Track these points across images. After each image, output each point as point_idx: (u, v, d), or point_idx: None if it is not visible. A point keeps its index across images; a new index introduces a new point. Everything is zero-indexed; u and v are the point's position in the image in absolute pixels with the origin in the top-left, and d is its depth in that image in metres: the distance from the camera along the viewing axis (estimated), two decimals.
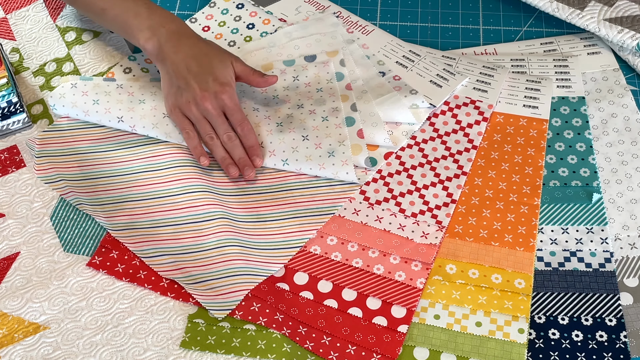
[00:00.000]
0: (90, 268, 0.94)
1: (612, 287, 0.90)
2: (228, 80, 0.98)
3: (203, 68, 0.98)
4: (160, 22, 1.01)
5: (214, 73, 0.98)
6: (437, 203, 0.98)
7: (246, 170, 0.98)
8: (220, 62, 0.99)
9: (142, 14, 1.01)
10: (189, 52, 0.99)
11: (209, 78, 0.97)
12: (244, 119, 0.99)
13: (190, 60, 0.98)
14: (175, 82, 0.99)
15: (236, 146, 0.98)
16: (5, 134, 1.07)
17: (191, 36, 1.01)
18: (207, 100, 0.97)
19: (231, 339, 0.88)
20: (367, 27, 1.16)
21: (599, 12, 1.11)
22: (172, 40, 1.00)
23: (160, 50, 1.00)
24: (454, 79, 1.08)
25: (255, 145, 0.99)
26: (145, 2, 1.03)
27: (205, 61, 0.98)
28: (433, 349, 0.87)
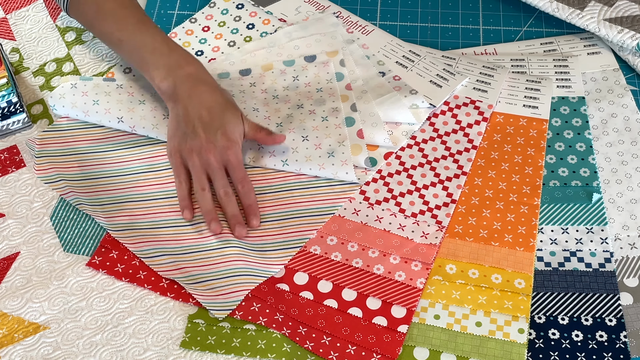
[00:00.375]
0: (90, 268, 0.94)
1: (612, 287, 0.90)
2: (236, 137, 0.95)
3: (214, 119, 0.95)
4: (178, 62, 0.99)
5: (224, 127, 0.95)
6: (437, 203, 0.98)
7: (237, 228, 0.93)
8: (233, 116, 0.96)
9: (160, 51, 0.99)
10: (203, 100, 0.96)
11: (218, 131, 0.94)
12: (245, 177, 0.96)
13: (203, 108, 0.96)
14: (182, 126, 0.96)
15: (232, 202, 0.95)
16: (5, 134, 1.07)
17: (208, 82, 0.98)
18: (211, 153, 0.94)
19: (231, 339, 0.88)
20: (367, 27, 1.16)
21: (599, 12, 1.11)
22: (188, 83, 0.97)
23: (174, 92, 0.97)
24: (454, 79, 1.08)
25: (254, 204, 0.96)
26: (164, 38, 1.01)
27: (218, 112, 0.96)
28: (433, 349, 0.87)
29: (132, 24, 1.02)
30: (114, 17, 1.03)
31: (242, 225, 0.94)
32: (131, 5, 1.04)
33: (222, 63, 1.12)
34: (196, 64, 1.00)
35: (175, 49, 1.00)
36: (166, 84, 0.98)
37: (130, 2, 1.05)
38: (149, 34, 1.01)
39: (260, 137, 0.98)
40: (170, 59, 0.99)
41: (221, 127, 0.95)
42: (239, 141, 0.96)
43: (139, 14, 1.03)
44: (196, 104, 0.96)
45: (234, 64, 1.12)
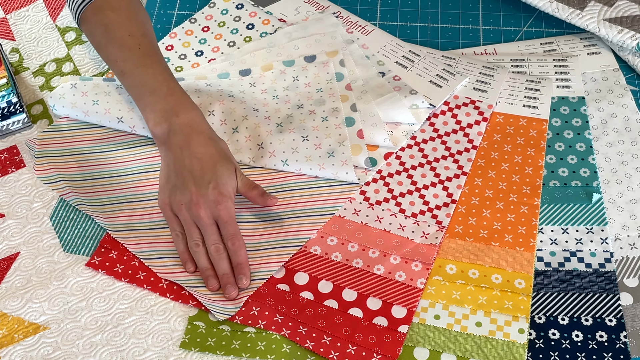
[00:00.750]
0: (90, 268, 0.94)
1: (612, 287, 0.90)
2: (229, 191, 0.92)
3: (205, 172, 0.92)
4: (175, 108, 0.95)
5: (216, 180, 0.91)
6: (437, 203, 0.98)
7: (228, 289, 0.90)
8: (226, 170, 0.92)
9: (159, 92, 0.96)
10: (195, 152, 0.93)
11: (209, 185, 0.91)
12: (236, 234, 0.92)
13: (195, 160, 0.92)
14: (172, 178, 0.93)
15: (222, 259, 0.91)
16: (5, 134, 1.07)
17: (202, 132, 0.95)
18: (202, 208, 0.90)
19: (231, 340, 0.88)
20: (367, 27, 1.16)
21: (599, 12, 1.11)
22: (182, 133, 0.94)
23: (167, 140, 0.95)
24: (453, 79, 1.08)
25: (244, 263, 0.91)
26: (165, 78, 0.98)
27: (209, 165, 0.92)
28: (433, 349, 0.86)
29: (137, 57, 0.98)
30: (120, 46, 0.99)
31: (233, 285, 0.90)
32: (140, 33, 1.00)
33: (222, 63, 1.12)
34: (193, 111, 0.96)
35: (174, 92, 0.97)
36: (159, 130, 0.95)
37: (140, 29, 1.01)
38: (151, 71, 0.98)
39: (253, 196, 0.94)
40: (167, 103, 0.96)
41: (212, 181, 0.91)
42: (231, 195, 0.92)
43: (146, 46, 0.99)
44: (188, 155, 0.93)
45: (234, 64, 1.12)
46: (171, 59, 1.14)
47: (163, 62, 1.00)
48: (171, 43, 1.16)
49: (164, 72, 0.99)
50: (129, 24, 1.00)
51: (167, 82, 0.97)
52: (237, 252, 0.91)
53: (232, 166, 0.94)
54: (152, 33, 1.03)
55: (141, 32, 1.01)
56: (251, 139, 1.02)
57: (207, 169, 0.92)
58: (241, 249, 0.92)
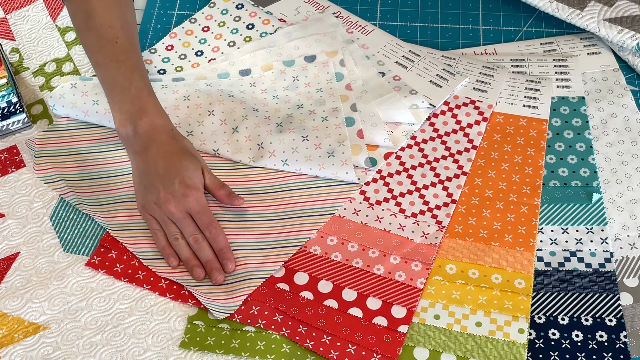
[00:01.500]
0: (90, 268, 0.94)
1: (612, 287, 0.90)
2: (195, 182, 0.93)
3: (170, 169, 0.92)
4: (141, 110, 0.95)
5: (181, 175, 0.92)
6: (437, 203, 0.98)
7: (214, 274, 0.91)
8: (191, 164, 0.93)
9: (128, 92, 0.95)
10: (159, 151, 0.93)
11: (175, 180, 0.92)
12: (211, 222, 0.93)
13: (159, 159, 0.93)
14: (143, 180, 0.94)
15: (203, 248, 0.92)
16: (5, 134, 1.07)
17: (165, 133, 0.95)
18: (171, 204, 0.91)
19: (230, 340, 0.88)
20: (367, 27, 1.16)
21: (599, 12, 1.11)
22: (146, 135, 0.94)
23: (131, 143, 0.95)
24: (453, 79, 1.08)
25: (225, 248, 0.92)
26: (136, 78, 0.97)
27: (174, 161, 0.93)
28: (433, 349, 0.86)
29: (112, 51, 0.97)
30: (98, 36, 0.98)
31: (218, 270, 0.91)
32: (119, 25, 0.99)
33: (222, 63, 1.12)
34: (158, 113, 0.96)
35: (143, 93, 0.96)
36: (124, 131, 0.95)
37: (120, 21, 0.99)
38: (123, 68, 0.96)
39: (220, 195, 0.95)
40: (134, 105, 0.95)
41: (178, 176, 0.92)
42: (198, 186, 0.93)
43: (123, 40, 0.98)
44: (153, 156, 0.93)
45: (234, 64, 1.12)
46: (171, 59, 1.14)
47: (137, 59, 0.99)
48: (171, 43, 1.16)
49: (136, 70, 0.97)
50: (110, 14, 0.99)
51: (137, 82, 0.97)
52: (216, 239, 0.92)
53: (197, 161, 0.95)
54: (132, 26, 1.02)
55: (121, 23, 0.99)
56: (251, 139, 1.02)
57: (172, 166, 0.93)
58: (219, 235, 0.93)
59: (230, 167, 1.02)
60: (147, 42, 1.17)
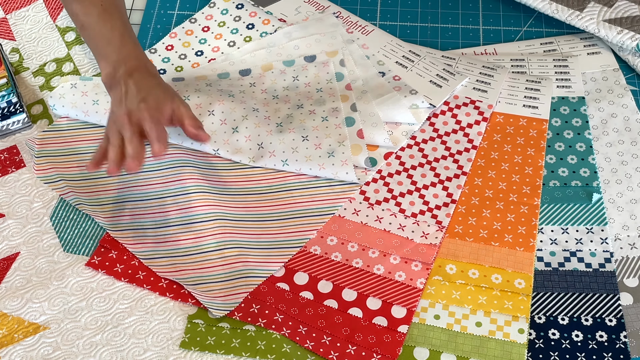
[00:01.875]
0: (90, 268, 0.94)
1: (612, 287, 0.90)
2: (159, 102, 0.93)
3: (140, 92, 0.93)
4: (126, 58, 0.96)
5: (149, 94, 0.93)
6: (437, 203, 0.98)
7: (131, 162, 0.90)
8: (163, 93, 0.94)
9: (114, 44, 0.97)
10: (136, 81, 0.94)
11: (139, 98, 0.92)
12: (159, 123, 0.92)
13: (132, 87, 0.93)
14: (114, 106, 0.94)
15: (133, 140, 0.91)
16: (5, 134, 1.07)
17: (147, 71, 0.96)
18: (126, 114, 0.92)
19: (231, 339, 0.88)
20: (367, 27, 1.16)
21: (599, 13, 1.11)
22: (127, 73, 0.95)
23: (113, 84, 0.95)
24: (453, 79, 1.08)
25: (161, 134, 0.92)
26: (122, 32, 0.98)
27: (145, 89, 0.94)
28: (433, 349, 0.86)
29: (97, 11, 0.99)
30: (82, 2, 0.99)
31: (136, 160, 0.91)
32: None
33: (222, 63, 1.12)
34: (143, 59, 0.97)
35: (127, 42, 0.98)
36: (108, 79, 0.96)
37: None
38: (109, 24, 0.98)
39: (186, 126, 0.95)
40: (120, 53, 0.96)
41: (146, 95, 0.93)
42: (161, 108, 0.93)
43: (107, 2, 1.00)
44: (128, 85, 0.94)
45: (234, 64, 1.12)
46: (171, 59, 1.14)
47: (122, 18, 1.00)
48: (171, 43, 1.16)
49: (122, 26, 0.99)
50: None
51: (121, 31, 0.98)
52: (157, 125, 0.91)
53: (170, 94, 0.95)
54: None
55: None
56: (251, 139, 1.02)
57: (142, 90, 0.93)
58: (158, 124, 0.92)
59: (230, 167, 1.02)
60: (147, 42, 1.17)
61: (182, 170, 1.00)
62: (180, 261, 0.94)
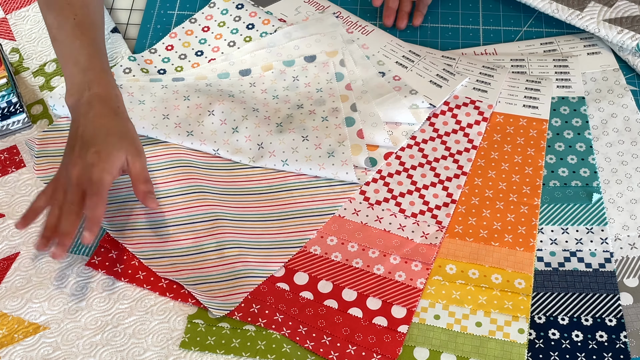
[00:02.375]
0: (90, 268, 0.94)
1: (612, 287, 0.90)
2: (110, 159, 0.87)
3: (95, 139, 0.89)
4: (91, 82, 0.93)
5: (101, 146, 0.88)
6: (437, 203, 0.98)
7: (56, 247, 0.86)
8: (117, 143, 0.89)
9: (80, 65, 0.95)
10: (94, 120, 0.90)
11: (92, 149, 0.88)
12: (99, 193, 0.86)
13: (89, 128, 0.90)
14: (70, 141, 0.91)
15: (69, 217, 0.86)
16: (5, 134, 1.07)
17: (109, 107, 0.92)
18: (75, 168, 0.88)
19: (231, 339, 0.88)
20: (367, 27, 1.16)
21: (599, 13, 1.11)
22: (89, 104, 0.92)
23: (75, 110, 0.93)
24: (453, 79, 1.08)
25: (95, 219, 0.86)
26: (91, 52, 0.96)
27: (102, 134, 0.89)
28: (433, 349, 0.86)
29: (70, 27, 0.97)
30: (57, 14, 0.98)
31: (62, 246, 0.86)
32: (80, 4, 0.99)
33: (222, 63, 1.12)
34: (108, 87, 0.94)
35: (94, 67, 0.95)
36: (71, 101, 0.94)
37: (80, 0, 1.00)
38: (78, 42, 0.96)
39: (140, 189, 0.90)
40: (85, 76, 0.94)
41: (98, 146, 0.88)
42: (112, 163, 0.88)
43: (82, 16, 0.98)
44: (85, 123, 0.90)
45: (234, 64, 1.12)
46: (171, 59, 1.14)
47: (94, 36, 0.98)
48: (171, 43, 1.16)
49: (91, 45, 0.97)
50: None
51: (90, 56, 0.95)
52: (94, 208, 0.86)
53: (126, 143, 0.90)
54: (94, 3, 1.01)
55: (81, 3, 0.99)
56: (251, 139, 1.02)
57: (98, 137, 0.89)
58: (98, 205, 0.86)
59: (230, 167, 1.02)
60: (147, 42, 1.17)
61: (182, 170, 1.00)
62: (180, 261, 0.94)
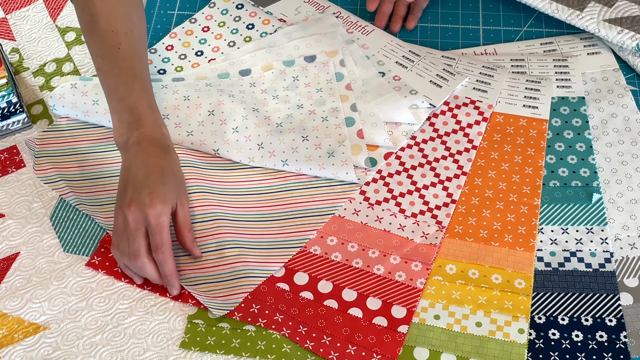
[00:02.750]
0: (90, 268, 0.94)
1: (612, 287, 0.90)
2: (165, 199, 0.87)
3: (148, 179, 0.88)
4: (139, 121, 0.92)
5: (155, 187, 0.87)
6: (437, 203, 0.98)
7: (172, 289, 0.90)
8: (172, 182, 0.89)
9: (127, 102, 0.93)
10: (146, 161, 0.90)
11: (146, 190, 0.87)
12: (163, 244, 0.87)
13: (142, 168, 0.89)
14: (121, 184, 0.90)
15: (142, 270, 0.89)
16: (5, 134, 1.07)
17: (160, 145, 0.92)
18: (131, 211, 0.86)
19: (231, 339, 0.88)
20: (367, 27, 1.16)
21: (599, 13, 1.11)
22: (140, 144, 0.91)
23: (124, 149, 0.92)
24: (453, 79, 1.08)
25: (171, 274, 0.89)
26: (139, 86, 0.94)
27: (155, 173, 0.89)
28: (433, 349, 0.87)
29: (115, 57, 0.95)
30: (101, 42, 0.96)
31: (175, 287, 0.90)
32: (124, 31, 0.96)
33: (222, 63, 1.12)
34: (157, 125, 0.93)
35: (141, 104, 0.93)
36: (121, 141, 0.93)
37: (125, 25, 0.97)
38: (124, 77, 0.94)
39: (185, 236, 0.91)
40: (132, 115, 0.93)
41: (151, 187, 0.87)
42: (167, 203, 0.87)
43: (127, 46, 0.95)
44: (137, 163, 0.89)
45: (234, 64, 1.12)
46: (171, 59, 1.14)
47: (139, 66, 0.96)
48: (171, 43, 1.16)
49: (137, 79, 0.95)
50: (114, 17, 0.96)
51: (136, 91, 0.94)
52: (163, 264, 0.88)
53: (178, 185, 0.91)
54: (138, 29, 0.98)
55: (125, 29, 0.96)
56: (251, 139, 1.02)
57: (151, 176, 0.89)
58: (167, 260, 0.88)
59: (230, 167, 1.02)
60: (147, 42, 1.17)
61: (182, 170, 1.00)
62: (180, 261, 0.94)
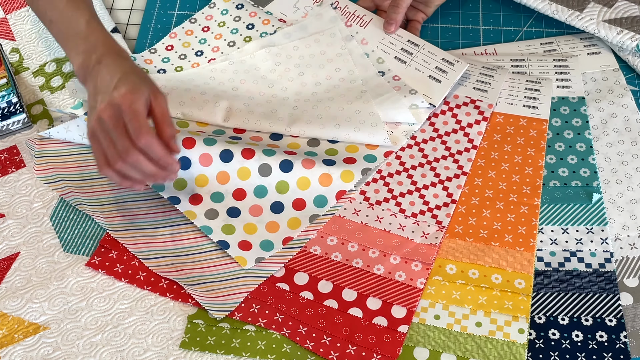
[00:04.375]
0: (90, 268, 0.94)
1: (612, 287, 0.90)
2: (134, 89, 0.85)
3: (112, 81, 0.86)
4: (95, 44, 0.92)
5: (120, 83, 0.85)
6: (437, 203, 0.98)
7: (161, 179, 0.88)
8: (139, 79, 0.87)
9: (80, 33, 0.94)
10: (107, 66, 0.88)
11: (114, 92, 0.85)
12: (141, 127, 0.83)
13: (105, 71, 0.88)
14: (91, 101, 0.88)
15: (137, 164, 0.85)
16: (5, 134, 1.07)
17: (122, 56, 0.91)
18: (105, 110, 0.84)
19: (231, 339, 0.88)
20: (365, 16, 1.15)
21: (598, 14, 1.11)
22: (100, 62, 0.90)
23: (87, 74, 0.91)
24: (453, 70, 1.07)
25: (162, 156, 0.85)
26: (87, 15, 0.95)
27: (119, 71, 0.87)
28: (433, 349, 0.87)
29: (62, 5, 0.97)
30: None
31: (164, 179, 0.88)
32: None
33: (222, 63, 1.12)
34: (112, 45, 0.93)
35: (94, 32, 0.94)
36: (82, 72, 0.92)
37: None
38: (74, 15, 0.95)
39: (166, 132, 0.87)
40: (87, 43, 0.92)
41: (117, 85, 0.85)
42: (137, 92, 0.84)
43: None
44: (103, 75, 0.88)
45: (234, 64, 1.12)
46: (171, 59, 1.14)
47: (87, 6, 0.97)
48: (171, 43, 1.16)
49: (88, 14, 0.96)
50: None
51: (87, 20, 0.95)
52: (150, 148, 0.85)
53: (147, 81, 0.88)
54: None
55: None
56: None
57: (115, 78, 0.86)
58: (152, 143, 0.84)
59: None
60: (147, 42, 1.18)
61: None
62: (180, 261, 0.94)
